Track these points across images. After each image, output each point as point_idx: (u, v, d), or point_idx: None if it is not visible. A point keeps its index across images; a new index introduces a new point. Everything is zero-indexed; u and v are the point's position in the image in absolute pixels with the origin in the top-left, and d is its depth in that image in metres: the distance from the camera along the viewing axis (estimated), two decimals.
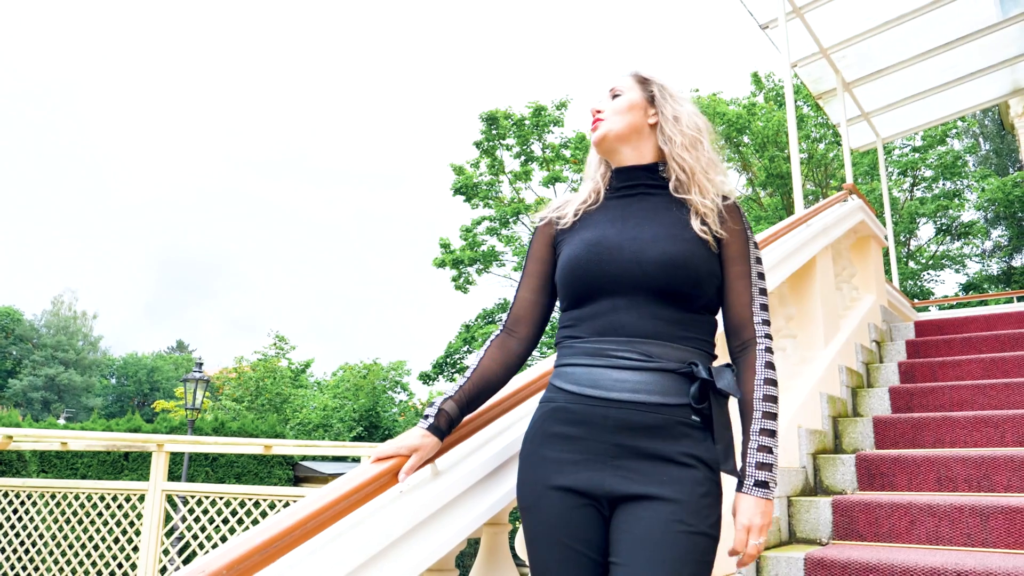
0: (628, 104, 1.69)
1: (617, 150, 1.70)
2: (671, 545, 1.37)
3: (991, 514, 2.64)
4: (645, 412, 1.47)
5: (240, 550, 1.28)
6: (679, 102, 1.71)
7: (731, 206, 1.67)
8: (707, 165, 1.67)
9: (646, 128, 1.69)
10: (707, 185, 1.64)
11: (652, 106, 1.70)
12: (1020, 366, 3.97)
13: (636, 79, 1.74)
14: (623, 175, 1.71)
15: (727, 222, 1.64)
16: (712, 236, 1.60)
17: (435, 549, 1.58)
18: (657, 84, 1.73)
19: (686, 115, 1.69)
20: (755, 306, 1.62)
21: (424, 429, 1.59)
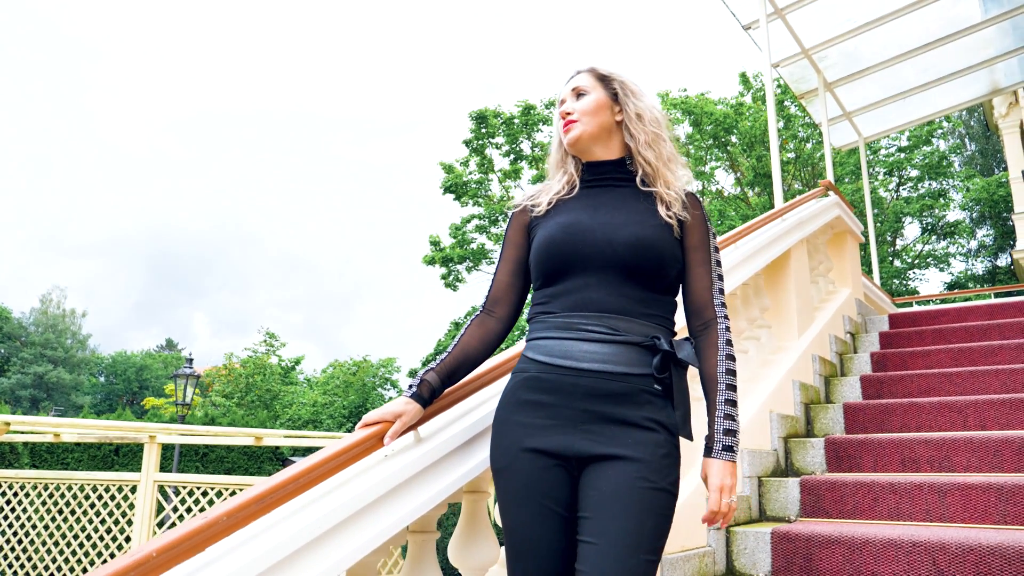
0: (596, 105, 1.80)
1: (589, 149, 1.82)
2: (636, 499, 1.50)
3: (948, 491, 2.78)
4: (611, 380, 1.60)
5: (241, 499, 1.40)
6: (639, 98, 1.83)
7: (692, 196, 1.81)
8: (669, 158, 1.80)
9: (614, 126, 1.82)
10: (670, 177, 1.78)
11: (616, 103, 1.82)
12: (986, 355, 4.12)
13: (596, 76, 1.84)
14: (594, 169, 1.83)
15: (689, 209, 1.77)
16: (676, 221, 1.73)
17: (417, 507, 1.70)
18: (617, 81, 1.84)
19: (647, 111, 1.82)
20: (715, 290, 1.75)
21: (408, 397, 1.72)
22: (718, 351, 1.70)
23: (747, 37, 7.15)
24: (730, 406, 1.67)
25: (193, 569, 1.32)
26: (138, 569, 1.23)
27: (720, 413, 1.66)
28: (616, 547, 1.47)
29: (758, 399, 3.43)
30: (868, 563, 2.52)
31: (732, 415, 1.67)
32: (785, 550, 2.70)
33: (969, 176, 22.24)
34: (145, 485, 7.71)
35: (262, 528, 1.45)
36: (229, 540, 1.40)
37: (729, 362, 1.70)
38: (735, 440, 1.66)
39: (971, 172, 23.04)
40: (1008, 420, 3.33)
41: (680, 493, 1.80)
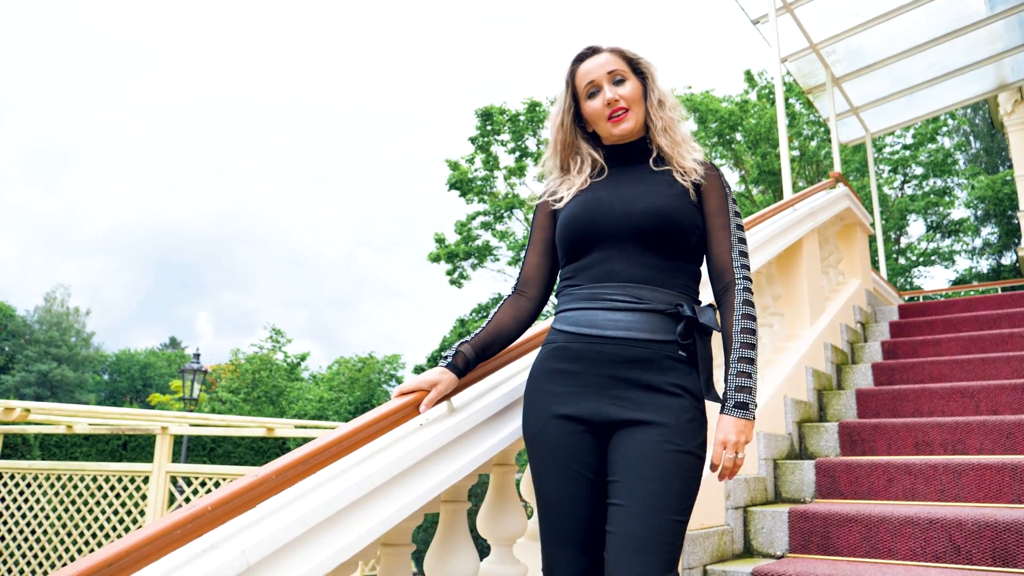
0: (638, 94, 1.82)
1: (626, 139, 1.84)
2: (662, 463, 1.55)
3: (963, 471, 2.83)
4: (636, 347, 1.65)
5: (289, 459, 1.45)
6: (660, 84, 1.86)
7: (709, 164, 1.85)
8: (682, 140, 1.84)
9: (651, 117, 1.85)
10: (685, 156, 1.82)
11: (644, 90, 1.85)
12: (996, 343, 4.17)
13: (626, 60, 1.84)
14: (619, 151, 1.87)
15: (707, 178, 1.81)
16: (693, 187, 1.78)
17: (450, 475, 1.75)
18: (644, 65, 1.85)
19: (667, 97, 1.85)
20: (735, 252, 1.79)
21: (444, 367, 1.77)
22: (734, 311, 1.74)
23: (754, 33, 7.20)
24: (745, 363, 1.70)
25: (246, 524, 1.37)
26: (195, 521, 1.28)
27: (733, 371, 1.71)
28: (643, 508, 1.52)
29: (773, 384, 3.48)
30: (885, 540, 2.57)
31: (746, 372, 1.70)
32: (802, 528, 2.75)
33: (974, 174, 22.22)
34: (157, 476, 7.78)
35: (308, 488, 1.50)
36: (278, 498, 1.45)
37: (745, 321, 1.73)
38: (748, 397, 1.68)
39: (976, 170, 23.01)
40: (1020, 405, 3.38)
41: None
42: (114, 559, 1.16)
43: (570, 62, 1.86)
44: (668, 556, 1.49)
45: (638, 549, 1.48)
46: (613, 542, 1.52)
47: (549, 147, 1.94)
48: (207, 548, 1.31)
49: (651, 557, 1.47)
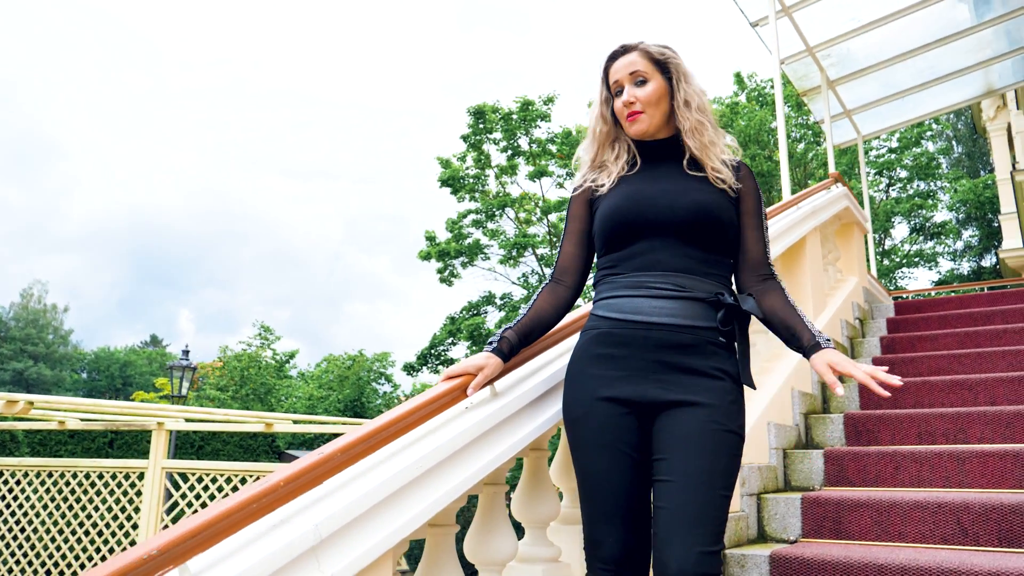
0: (658, 95, 1.87)
1: (652, 135, 1.93)
2: (709, 440, 1.63)
3: (967, 459, 2.93)
4: (680, 333, 1.73)
5: (351, 438, 1.51)
6: (690, 81, 1.92)
7: (744, 166, 1.93)
8: (711, 141, 1.90)
9: (669, 111, 1.92)
10: (714, 157, 1.89)
11: (670, 89, 1.91)
12: (990, 339, 4.29)
13: (651, 59, 1.88)
14: (648, 147, 1.94)
15: (743, 180, 1.90)
16: (731, 188, 1.86)
17: (496, 458, 1.81)
18: (672, 64, 1.90)
19: (695, 97, 1.91)
20: (768, 251, 1.90)
21: (489, 352, 1.84)
22: (784, 292, 1.88)
23: (744, 38, 7.31)
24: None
25: (315, 499, 1.43)
26: (269, 496, 1.34)
27: (809, 323, 1.82)
28: (693, 483, 1.60)
29: (781, 376, 3.56)
30: (896, 524, 2.66)
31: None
32: (815, 514, 2.84)
33: (957, 178, 22.56)
34: (153, 472, 7.77)
35: (369, 466, 1.56)
36: (342, 475, 1.51)
37: (792, 300, 1.87)
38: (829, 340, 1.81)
39: (959, 174, 23.36)
40: (1017, 396, 3.49)
41: None
42: (200, 529, 1.22)
43: (605, 59, 1.95)
44: (718, 529, 1.57)
45: (691, 522, 1.55)
46: (664, 516, 1.59)
47: (587, 138, 2.01)
48: (282, 521, 1.37)
49: (704, 529, 1.55)
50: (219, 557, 1.25)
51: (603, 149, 1.98)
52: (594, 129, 1.96)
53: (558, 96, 20.65)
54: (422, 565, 1.79)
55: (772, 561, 2.51)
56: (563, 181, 21.14)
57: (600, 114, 1.94)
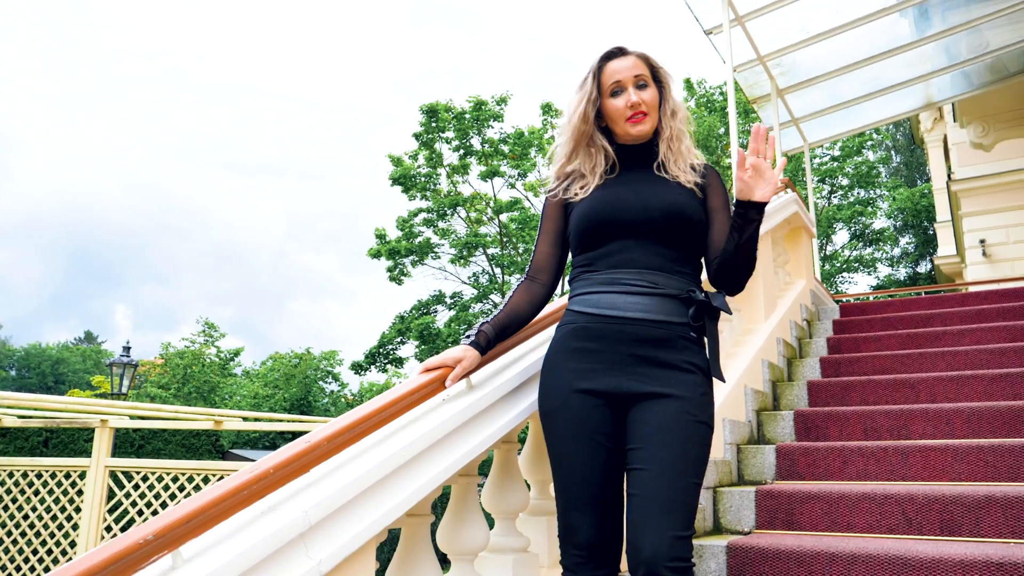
0: (656, 101, 1.95)
1: (643, 138, 1.97)
2: (682, 430, 1.70)
3: (910, 453, 3.07)
4: (654, 327, 1.79)
5: (336, 427, 1.54)
6: (674, 94, 2.01)
7: (712, 170, 2.02)
8: (687, 150, 2.00)
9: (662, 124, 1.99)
10: (684, 165, 1.97)
11: (660, 98, 1.98)
12: (930, 340, 4.49)
13: (650, 66, 1.96)
14: (629, 150, 2.00)
15: (709, 179, 1.98)
16: (696, 187, 1.94)
17: (473, 448, 1.86)
18: (664, 74, 1.99)
19: (680, 108, 2.00)
20: None
21: (467, 344, 1.88)
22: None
23: (695, 46, 7.49)
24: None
25: (304, 486, 1.46)
26: (260, 482, 1.36)
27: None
28: (667, 471, 1.66)
29: (734, 374, 3.68)
30: (844, 515, 2.78)
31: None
32: (768, 506, 2.94)
33: (895, 186, 23.36)
34: (95, 471, 7.58)
35: (353, 455, 1.59)
36: (328, 463, 1.53)
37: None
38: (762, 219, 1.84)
39: (897, 183, 24.19)
40: (956, 394, 3.67)
41: None
42: (193, 515, 1.23)
43: (598, 58, 1.96)
44: (689, 515, 1.64)
45: (664, 508, 1.62)
46: (638, 503, 1.65)
47: (565, 135, 2.02)
48: (271, 507, 1.39)
49: (677, 515, 1.61)
50: (211, 543, 1.27)
51: (580, 148, 2.00)
52: (576, 127, 1.97)
53: (511, 97, 20.75)
54: (398, 554, 1.82)
55: (729, 551, 2.60)
56: (514, 182, 21.25)
57: (584, 112, 1.94)
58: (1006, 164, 13.21)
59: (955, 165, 14.38)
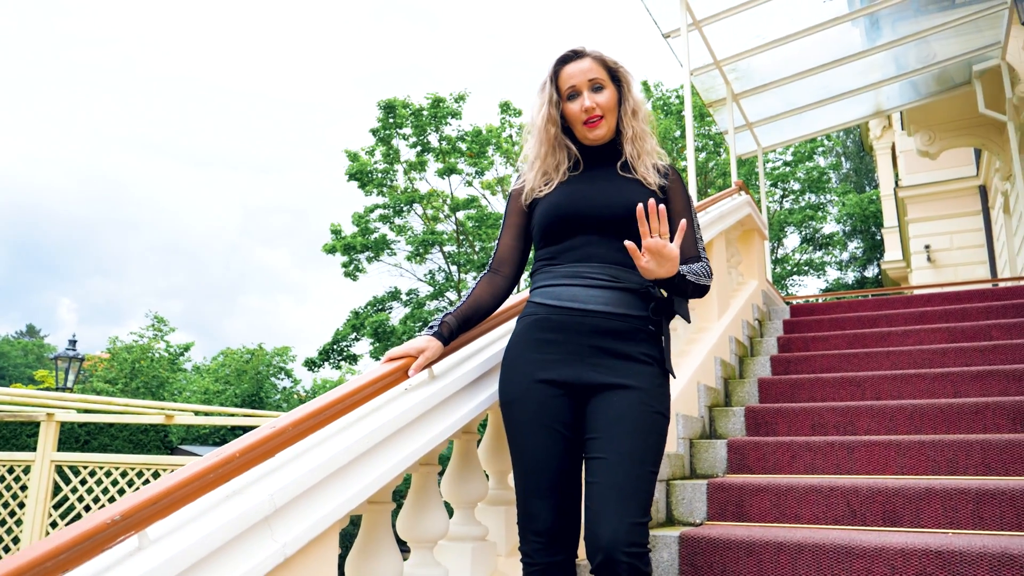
0: (613, 102, 1.99)
1: (603, 140, 2.03)
2: (640, 421, 1.75)
3: (855, 448, 3.18)
4: (614, 320, 1.84)
5: (302, 412, 1.55)
6: (635, 93, 2.05)
7: (673, 170, 2.07)
8: (651, 150, 2.05)
9: (617, 118, 2.03)
10: (648, 164, 2.02)
11: (619, 98, 2.02)
12: (876, 340, 4.64)
13: (606, 68, 1.99)
14: (591, 152, 2.05)
15: (671, 181, 2.04)
16: (659, 189, 1.99)
17: (435, 437, 1.88)
18: (623, 76, 2.02)
19: (641, 108, 2.04)
20: (700, 245, 2.03)
21: (430, 335, 1.91)
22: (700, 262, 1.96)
23: (653, 48, 7.61)
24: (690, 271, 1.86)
25: (269, 470, 1.47)
26: (226, 466, 1.37)
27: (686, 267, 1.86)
28: (624, 460, 1.71)
29: (688, 371, 3.76)
30: (792, 506, 2.87)
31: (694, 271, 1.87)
32: (719, 499, 3.02)
33: (845, 192, 23.93)
34: (40, 465, 7.41)
35: (318, 440, 1.60)
36: (293, 448, 1.55)
37: (701, 267, 1.92)
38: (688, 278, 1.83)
39: (847, 188, 24.78)
40: (899, 392, 3.80)
41: None
42: (159, 497, 1.24)
43: (554, 62, 2.01)
44: (646, 502, 1.69)
45: (622, 496, 1.66)
46: (597, 490, 1.70)
47: (532, 136, 2.06)
48: (236, 491, 1.40)
49: (634, 502, 1.66)
50: (177, 524, 1.28)
51: (551, 150, 2.03)
52: (540, 130, 2.01)
53: (469, 95, 20.74)
54: (360, 540, 1.84)
55: (681, 541, 2.67)
56: (472, 180, 21.24)
57: (550, 115, 1.98)
58: (951, 172, 13.67)
59: (902, 172, 14.82)
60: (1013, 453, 2.97)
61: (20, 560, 1.05)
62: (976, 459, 3.01)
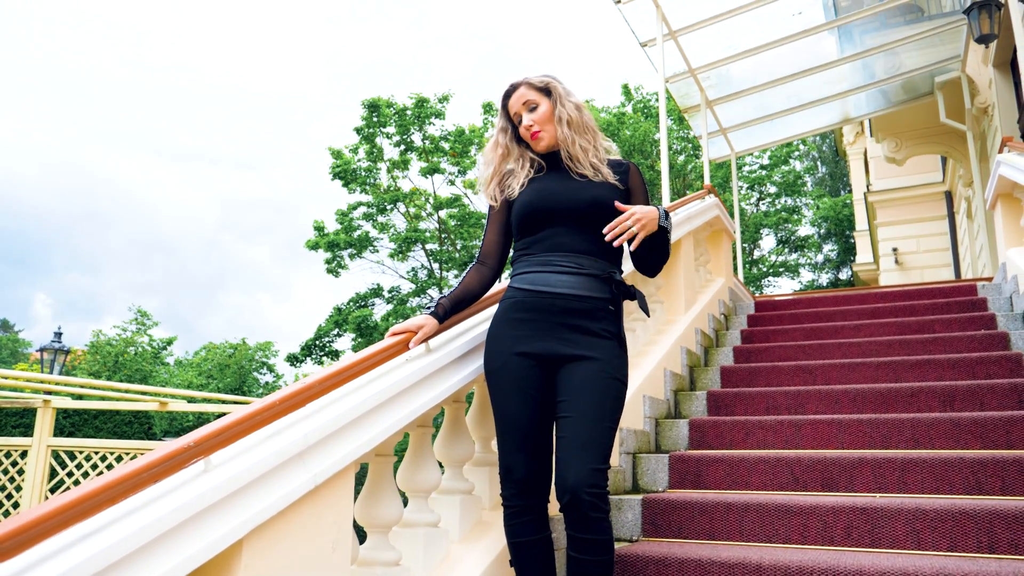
0: (548, 116, 2.34)
1: (553, 147, 2.39)
2: (600, 386, 2.10)
3: (802, 425, 3.56)
4: (579, 301, 2.19)
5: (327, 372, 1.89)
6: (566, 102, 2.37)
7: (633, 167, 2.42)
8: (593, 148, 2.38)
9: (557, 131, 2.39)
10: (596, 161, 2.37)
11: (555, 111, 2.38)
12: (831, 332, 5.03)
13: (537, 89, 2.36)
14: (547, 157, 2.42)
15: (631, 177, 2.38)
16: (619, 184, 2.34)
17: (430, 400, 2.23)
18: (554, 90, 2.37)
19: (574, 112, 2.37)
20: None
21: (428, 315, 2.25)
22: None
23: (634, 53, 7.96)
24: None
25: (302, 416, 1.80)
26: (270, 410, 1.70)
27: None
28: (587, 418, 2.06)
29: (655, 358, 4.12)
30: (743, 475, 3.24)
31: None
32: (680, 469, 3.39)
33: (819, 196, 24.49)
34: (37, 450, 7.66)
35: (339, 396, 1.93)
36: (319, 401, 1.88)
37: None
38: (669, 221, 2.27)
39: (821, 192, 25.35)
40: (846, 378, 4.19)
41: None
42: (222, 431, 1.57)
43: (501, 97, 2.43)
44: (606, 452, 2.04)
45: (585, 446, 2.01)
46: (565, 444, 2.04)
47: (486, 157, 2.46)
48: (278, 431, 1.73)
49: (595, 452, 2.01)
50: (234, 454, 1.60)
51: (505, 160, 2.43)
52: (497, 145, 2.43)
53: (453, 95, 21.04)
54: (367, 488, 2.18)
55: (644, 504, 3.04)
56: (454, 179, 21.55)
57: (497, 140, 2.42)
58: (917, 178, 14.17)
59: (872, 177, 15.32)
60: (938, 429, 3.36)
61: (123, 472, 1.37)
62: (906, 435, 3.39)
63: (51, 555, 1.19)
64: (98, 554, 1.23)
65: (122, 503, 1.35)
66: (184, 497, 1.45)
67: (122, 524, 1.32)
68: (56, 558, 1.19)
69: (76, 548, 1.22)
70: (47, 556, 1.18)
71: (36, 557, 1.16)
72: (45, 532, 1.17)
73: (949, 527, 2.56)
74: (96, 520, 1.28)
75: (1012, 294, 4.94)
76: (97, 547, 1.24)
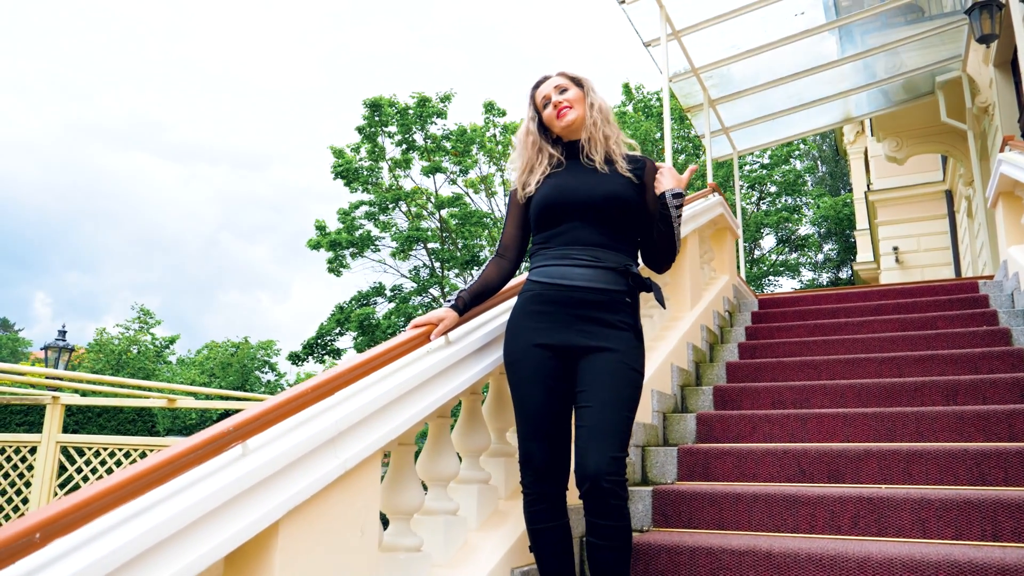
0: (580, 98, 2.43)
1: (575, 131, 2.46)
2: (618, 376, 2.16)
3: (808, 420, 3.63)
4: (596, 294, 2.26)
5: (355, 361, 1.95)
6: (597, 94, 2.49)
7: (650, 162, 2.48)
8: (616, 141, 2.46)
9: (584, 114, 2.47)
10: (615, 150, 2.44)
11: (585, 99, 2.47)
12: (834, 329, 5.10)
13: (568, 78, 2.47)
14: (570, 146, 2.48)
15: (647, 174, 2.45)
16: (635, 178, 2.40)
17: (448, 392, 2.29)
18: (586, 83, 2.48)
19: (603, 105, 2.47)
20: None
21: (448, 307, 2.32)
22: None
23: (636, 54, 8.02)
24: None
25: (333, 403, 1.86)
26: (303, 398, 1.77)
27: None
28: (606, 407, 2.13)
29: (662, 354, 4.18)
30: (751, 467, 3.31)
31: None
32: (688, 462, 3.46)
33: (820, 195, 24.55)
34: (46, 446, 7.72)
35: (367, 384, 2.00)
36: (349, 388, 1.94)
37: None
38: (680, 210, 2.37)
39: (821, 191, 25.41)
40: (850, 374, 4.25)
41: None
42: (259, 416, 1.64)
43: (531, 88, 2.50)
44: (624, 440, 2.11)
45: (604, 435, 2.08)
46: (584, 432, 2.11)
47: (519, 146, 2.52)
48: (310, 418, 1.79)
49: (614, 440, 2.08)
50: (269, 439, 1.67)
51: (532, 153, 2.48)
52: (523, 140, 2.49)
53: (455, 95, 21.10)
54: (390, 476, 2.24)
55: (654, 494, 3.10)
56: (456, 178, 21.61)
57: (527, 129, 2.48)
58: (917, 177, 14.24)
59: (873, 176, 15.38)
60: (942, 423, 3.42)
61: (168, 454, 1.44)
62: (911, 428, 3.46)
63: (108, 529, 1.25)
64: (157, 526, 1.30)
65: (169, 483, 1.42)
66: (225, 479, 1.51)
67: (171, 502, 1.39)
68: (112, 533, 1.26)
69: (132, 523, 1.29)
70: (106, 530, 1.24)
71: (97, 530, 1.22)
72: (103, 507, 1.24)
73: (954, 516, 2.63)
74: (149, 496, 1.35)
75: (1013, 291, 5.00)
76: (154, 520, 1.31)
